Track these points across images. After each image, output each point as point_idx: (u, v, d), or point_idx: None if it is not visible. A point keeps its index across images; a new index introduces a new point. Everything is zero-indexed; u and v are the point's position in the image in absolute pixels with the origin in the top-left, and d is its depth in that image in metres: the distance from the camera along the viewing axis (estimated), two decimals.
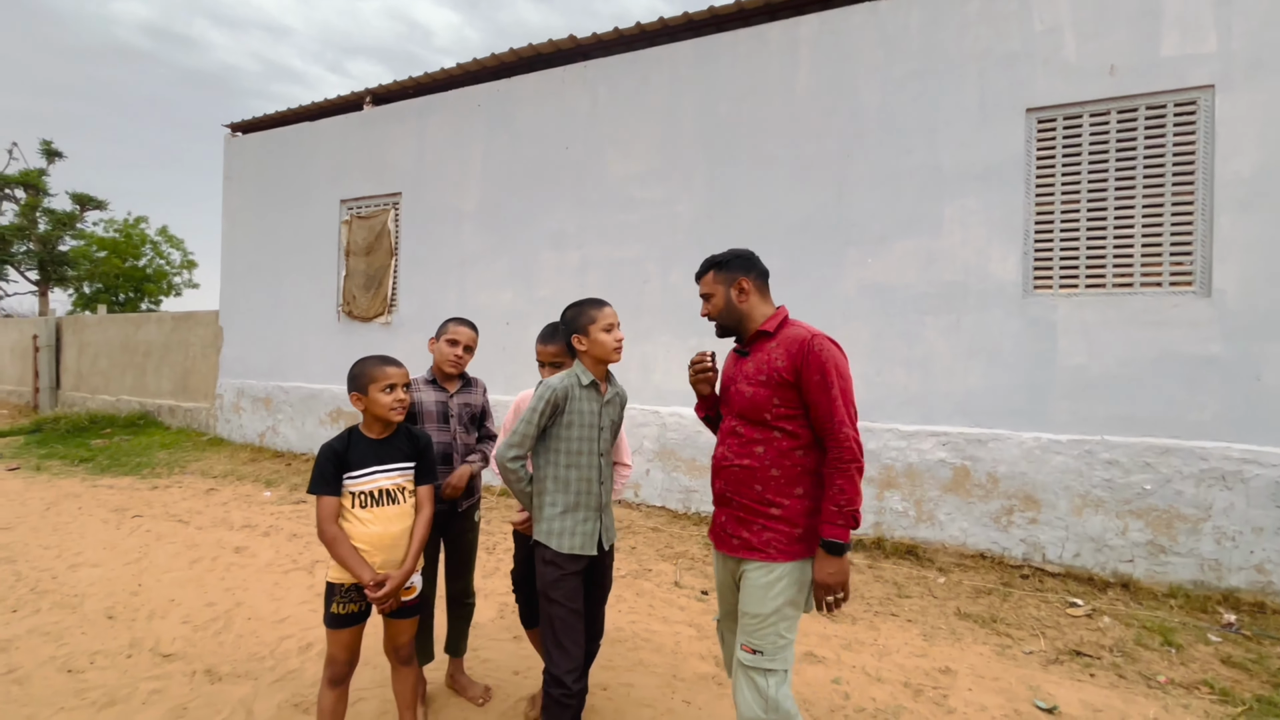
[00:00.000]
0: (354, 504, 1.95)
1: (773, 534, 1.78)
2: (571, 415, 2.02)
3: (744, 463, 1.84)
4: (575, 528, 2.03)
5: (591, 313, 2.05)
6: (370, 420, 2.02)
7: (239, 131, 8.40)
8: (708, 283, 1.98)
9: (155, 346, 9.51)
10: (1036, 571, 4.05)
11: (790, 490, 1.79)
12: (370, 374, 1.99)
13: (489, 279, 6.26)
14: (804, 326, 1.85)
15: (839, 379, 1.75)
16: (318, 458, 1.95)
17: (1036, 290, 4.21)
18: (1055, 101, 4.14)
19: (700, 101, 5.27)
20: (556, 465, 2.03)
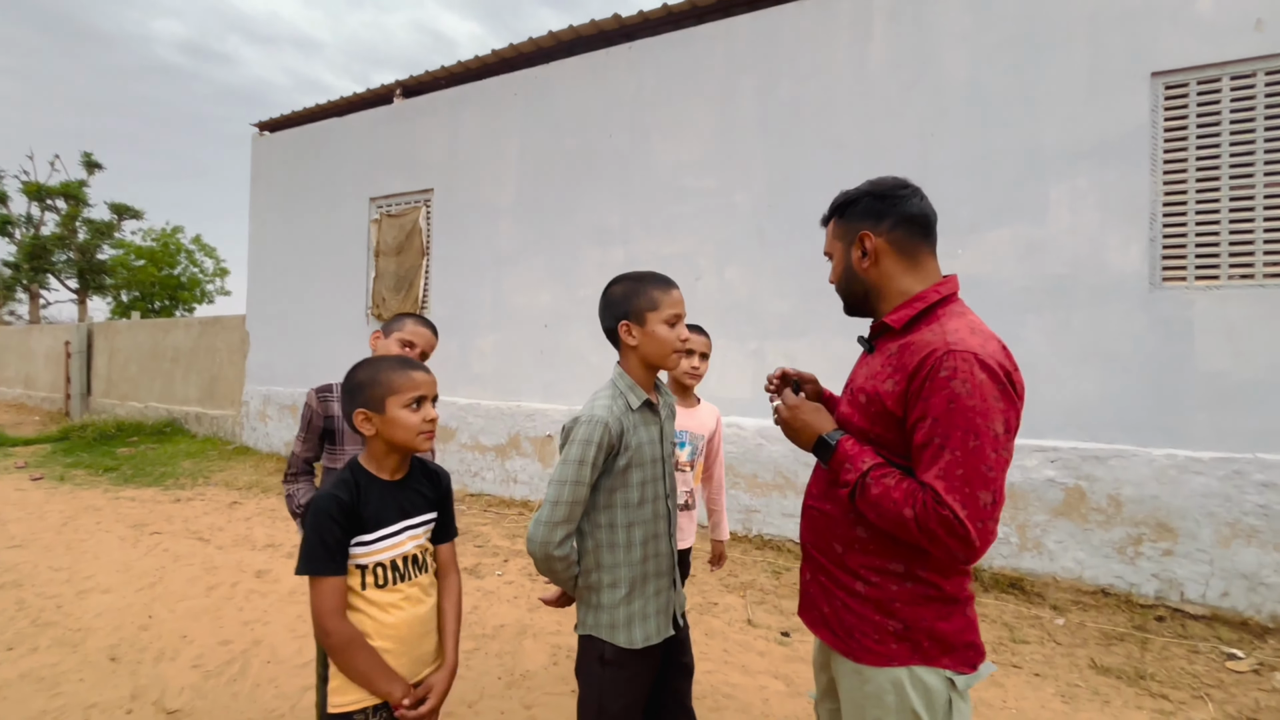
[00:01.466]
0: (366, 582, 1.31)
1: (857, 620, 1.20)
2: (630, 455, 1.41)
3: (825, 507, 1.28)
4: (646, 609, 1.45)
5: (654, 293, 1.43)
6: (382, 452, 1.37)
7: (266, 130, 8.18)
8: (829, 237, 1.35)
9: (183, 352, 9.34)
10: (1174, 613, 3.44)
11: (883, 562, 1.18)
12: (389, 382, 1.34)
13: (526, 279, 5.84)
14: (949, 328, 1.13)
15: (967, 431, 1.04)
16: (311, 516, 1.27)
17: (1166, 283, 3.62)
18: (1187, 64, 3.56)
19: (760, 81, 4.79)
20: (613, 528, 1.42)
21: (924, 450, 1.08)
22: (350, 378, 1.39)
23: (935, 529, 1.04)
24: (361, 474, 1.36)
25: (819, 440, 1.25)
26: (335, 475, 1.36)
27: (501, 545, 4.55)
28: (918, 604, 1.16)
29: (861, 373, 1.30)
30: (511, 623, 3.29)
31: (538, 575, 3.99)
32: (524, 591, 3.71)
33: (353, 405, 1.36)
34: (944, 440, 1.05)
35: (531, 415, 5.69)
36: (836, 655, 1.25)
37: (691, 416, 2.30)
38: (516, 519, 5.21)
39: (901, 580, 1.17)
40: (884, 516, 1.11)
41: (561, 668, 2.84)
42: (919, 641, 1.15)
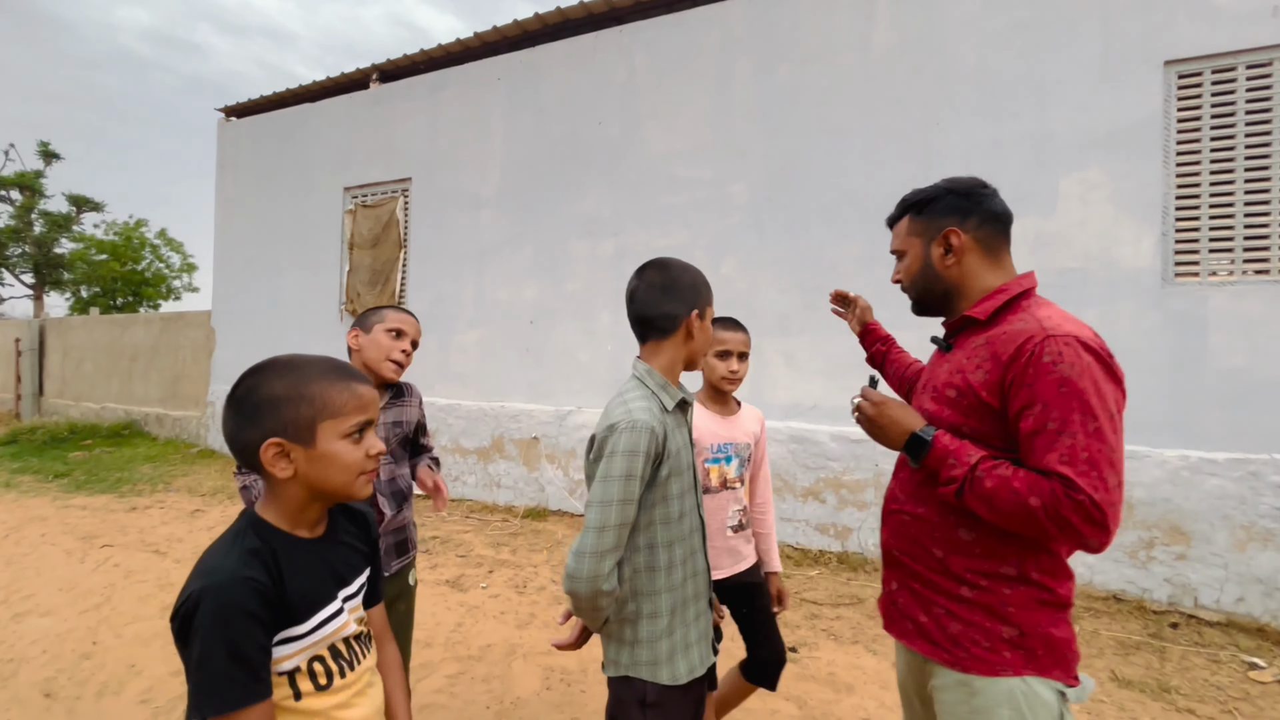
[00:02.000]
0: (301, 690, 0.92)
1: (964, 627, 1.12)
2: (671, 463, 1.25)
3: (918, 511, 1.21)
4: (688, 636, 1.29)
5: (709, 293, 1.41)
6: (302, 502, 0.95)
7: (234, 116, 7.75)
8: (900, 234, 1.33)
9: (143, 350, 8.84)
10: (1189, 619, 3.33)
11: (993, 565, 1.11)
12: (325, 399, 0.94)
13: (510, 272, 5.56)
14: (1041, 315, 1.10)
15: (1084, 414, 1.00)
16: (210, 617, 0.82)
17: (1179, 278, 3.51)
18: (1202, 52, 3.44)
19: (757, 65, 4.59)
20: (653, 549, 1.25)
21: (1037, 437, 1.03)
22: (254, 388, 0.91)
23: (1069, 516, 0.98)
24: (272, 535, 0.92)
25: (912, 437, 1.16)
26: (230, 539, 0.92)
27: (485, 555, 4.28)
28: (1032, 608, 1.10)
29: (942, 370, 1.26)
30: (499, 642, 3.04)
31: (525, 587, 3.74)
32: (511, 606, 3.46)
33: (259, 432, 0.89)
34: (1061, 425, 1.01)
35: (516, 416, 5.42)
36: (938, 668, 1.16)
37: (734, 425, 1.97)
38: (500, 525, 4.94)
39: (1014, 583, 1.10)
40: (1001, 510, 1.04)
41: (555, 693, 2.60)
42: (1034, 649, 1.09)
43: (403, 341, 1.78)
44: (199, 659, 0.81)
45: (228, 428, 0.92)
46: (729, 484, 1.93)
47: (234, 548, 0.89)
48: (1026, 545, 1.10)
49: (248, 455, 0.91)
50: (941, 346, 1.31)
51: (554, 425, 5.24)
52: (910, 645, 1.22)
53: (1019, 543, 1.10)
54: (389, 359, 1.75)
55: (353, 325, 1.82)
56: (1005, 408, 1.08)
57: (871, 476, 4.08)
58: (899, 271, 1.35)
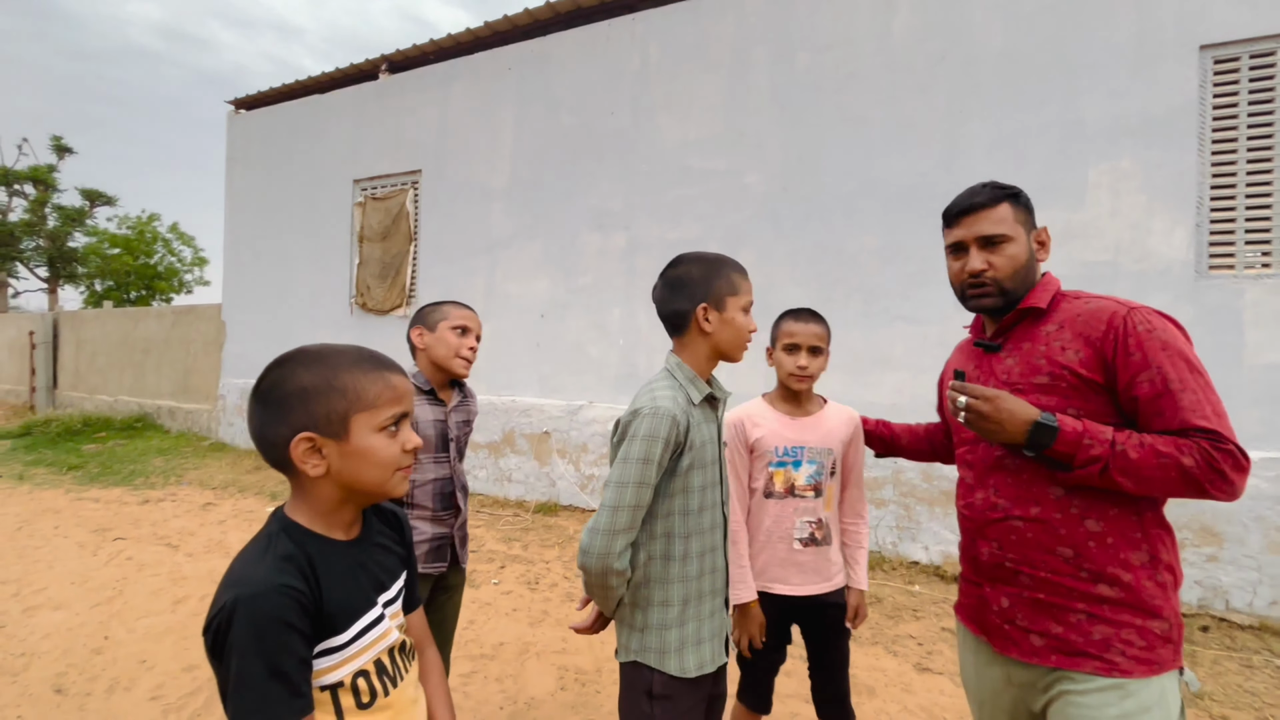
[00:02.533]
0: (343, 707, 0.86)
1: (1113, 628, 1.08)
2: (693, 454, 1.26)
3: (1031, 513, 1.15)
4: (700, 632, 1.28)
5: (734, 277, 1.32)
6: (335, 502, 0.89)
7: (243, 109, 7.72)
8: (1003, 219, 1.22)
9: (155, 343, 8.86)
10: (1220, 622, 3.24)
11: (1127, 552, 1.09)
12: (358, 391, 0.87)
13: (521, 265, 5.50)
14: (1101, 296, 1.18)
15: (1192, 371, 1.06)
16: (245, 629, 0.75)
17: (1213, 271, 3.39)
18: (1239, 36, 3.31)
19: (774, 54, 4.48)
20: (669, 538, 1.26)
21: (1161, 399, 1.05)
22: (281, 381, 0.85)
23: (1222, 467, 1.00)
24: (307, 539, 0.85)
25: (1035, 426, 1.09)
26: (262, 545, 0.85)
27: (497, 550, 4.24)
28: (1169, 594, 1.10)
29: (1007, 365, 1.24)
30: (511, 640, 2.99)
31: (537, 584, 3.70)
32: (524, 603, 3.41)
33: (289, 426, 0.83)
34: (1181, 384, 1.04)
35: (526, 411, 5.37)
36: (1078, 678, 1.09)
37: (809, 427, 1.76)
38: (512, 520, 4.90)
39: (1150, 569, 1.10)
40: (1151, 478, 1.03)
41: (570, 693, 2.55)
42: (1178, 640, 1.09)
43: (469, 338, 1.81)
44: (236, 677, 0.75)
45: (254, 423, 0.86)
46: (798, 491, 1.72)
47: (267, 554, 0.82)
48: (1150, 525, 1.10)
49: (276, 453, 0.85)
50: (990, 348, 1.28)
51: (565, 420, 5.18)
52: (1041, 662, 1.13)
53: (1143, 524, 1.10)
54: (459, 355, 1.78)
55: (414, 323, 1.82)
56: (1111, 382, 1.10)
57: (890, 474, 3.99)
58: (983, 259, 1.22)
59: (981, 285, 1.24)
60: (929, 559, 3.89)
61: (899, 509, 3.98)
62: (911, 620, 3.29)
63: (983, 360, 1.30)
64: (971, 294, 1.26)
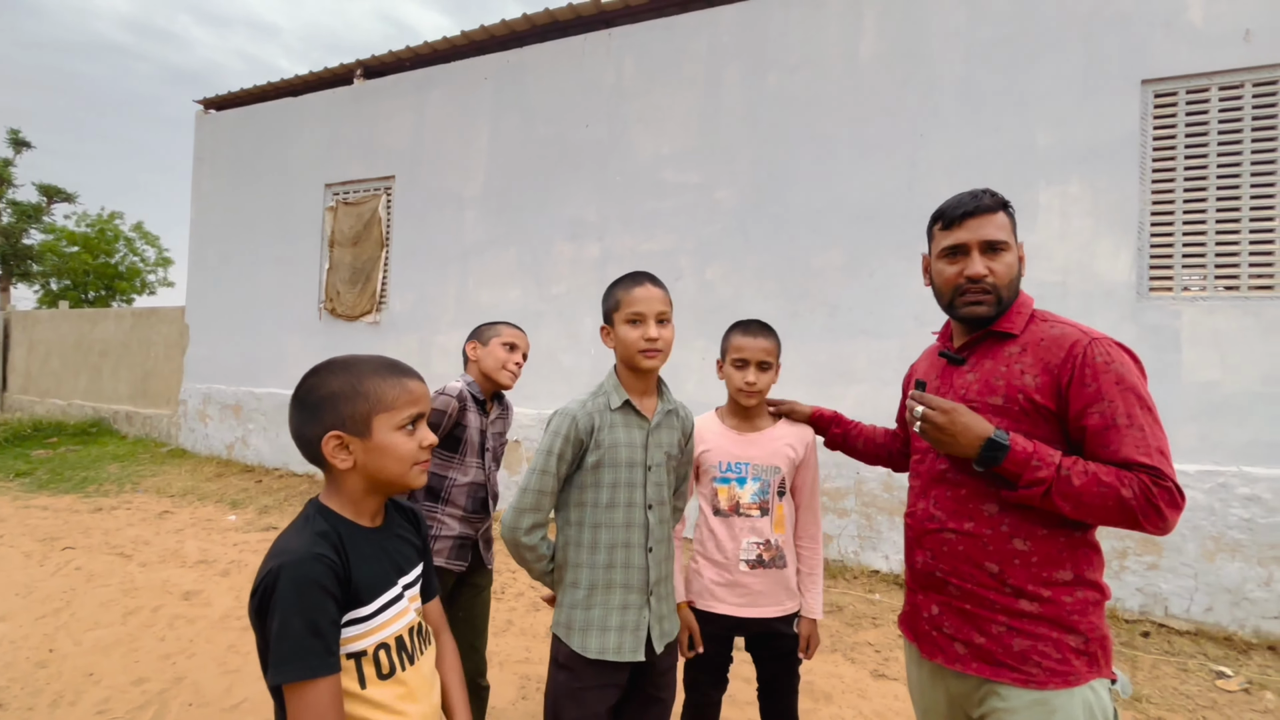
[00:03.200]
0: (365, 676, 0.96)
1: (1030, 641, 1.12)
2: (601, 453, 1.40)
3: (965, 527, 1.20)
4: (608, 619, 1.39)
5: (618, 294, 1.44)
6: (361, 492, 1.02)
7: (212, 109, 7.59)
8: (1004, 227, 1.23)
9: (113, 346, 8.59)
10: (1160, 628, 3.39)
11: (1050, 571, 1.13)
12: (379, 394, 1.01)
13: (495, 273, 5.51)
14: (1068, 322, 1.20)
15: (1141, 407, 1.09)
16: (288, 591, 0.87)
17: (1153, 293, 3.58)
18: (1177, 72, 3.52)
19: (746, 73, 4.60)
20: (580, 527, 1.42)
21: (1108, 432, 1.08)
22: (314, 387, 0.99)
23: (1158, 503, 1.03)
24: (338, 521, 0.99)
25: (988, 442, 1.11)
26: (301, 524, 0.99)
27: None
28: (1089, 611, 1.13)
29: (966, 381, 1.26)
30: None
31: (503, 593, 3.69)
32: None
33: (320, 426, 0.97)
34: (1128, 419, 1.07)
35: None
36: (1003, 689, 1.13)
37: (755, 443, 1.71)
38: None
39: (1072, 588, 1.13)
40: (1090, 505, 1.06)
41: (532, 702, 2.56)
42: (1095, 653, 1.13)
43: (515, 354, 2.02)
44: (279, 630, 0.86)
45: (292, 424, 1.01)
46: (743, 510, 1.67)
47: (305, 530, 0.96)
48: (1078, 546, 1.14)
49: (311, 449, 0.99)
50: (954, 360, 1.30)
51: (536, 428, 5.18)
52: (964, 670, 1.17)
53: (1070, 545, 1.13)
54: (505, 368, 1.98)
55: (470, 337, 2.05)
56: (1063, 409, 1.13)
57: (852, 484, 4.09)
58: (984, 264, 1.21)
59: (981, 290, 1.21)
60: (889, 567, 3.99)
61: (860, 519, 4.07)
62: (870, 628, 3.37)
63: (945, 371, 1.32)
64: (967, 299, 1.22)
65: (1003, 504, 1.16)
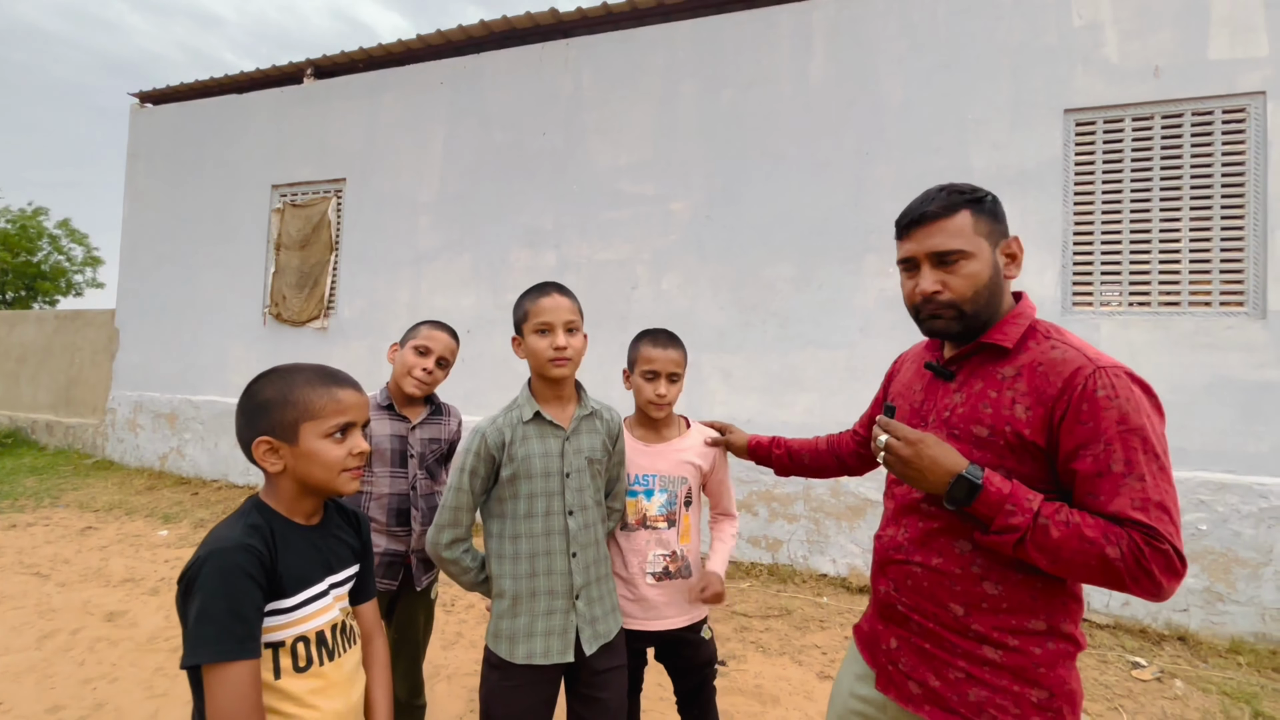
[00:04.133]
0: (280, 667, 1.00)
1: (990, 693, 1.03)
2: (515, 466, 1.43)
3: (932, 561, 1.10)
4: (534, 626, 1.43)
5: (526, 304, 1.49)
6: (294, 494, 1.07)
7: (149, 102, 7.24)
8: (960, 231, 1.08)
9: (32, 350, 8.04)
10: (1083, 623, 3.60)
11: (1022, 620, 1.03)
12: (306, 403, 1.06)
13: (448, 279, 5.43)
14: (1078, 345, 1.04)
15: (1147, 454, 0.94)
16: (212, 575, 0.92)
17: (1076, 308, 3.82)
18: (1095, 103, 3.80)
19: (701, 88, 4.71)
20: (501, 538, 1.46)
21: (1101, 480, 0.95)
22: (252, 394, 1.06)
23: (1150, 567, 0.91)
24: (272, 517, 1.05)
25: (957, 479, 1.00)
26: (236, 517, 1.04)
27: None
28: (1059, 665, 1.03)
29: (953, 402, 1.12)
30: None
31: (453, 605, 3.62)
32: (438, 625, 3.32)
33: (252, 431, 1.04)
34: (1126, 466, 0.94)
35: None
36: None
37: (661, 454, 1.71)
38: None
39: (1044, 639, 1.03)
40: (1069, 561, 0.94)
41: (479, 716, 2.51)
42: (1060, 709, 1.02)
43: (426, 360, 1.85)
44: (199, 611, 0.90)
45: (236, 427, 1.08)
46: (649, 522, 1.65)
47: (239, 522, 1.02)
48: (1055, 595, 1.03)
49: (246, 451, 1.05)
50: (943, 375, 1.16)
51: None
52: (916, 711, 1.09)
53: (1047, 593, 1.02)
54: (410, 374, 1.84)
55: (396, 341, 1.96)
56: (1053, 446, 0.99)
57: (801, 489, 4.20)
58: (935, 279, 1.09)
59: (939, 306, 1.09)
60: (836, 571, 4.10)
61: (809, 523, 4.18)
62: (818, 630, 3.46)
63: (931, 386, 1.18)
64: (924, 315, 1.12)
65: (977, 542, 1.04)
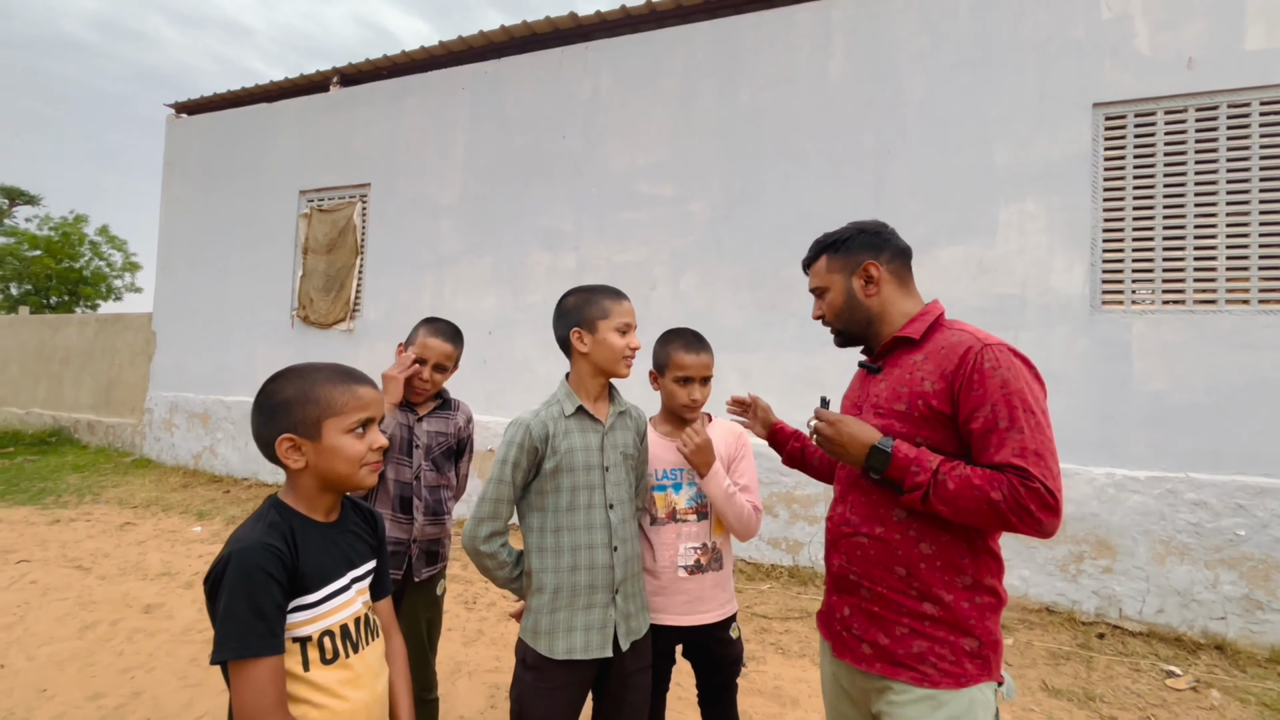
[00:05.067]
0: (309, 659, 1.02)
1: (929, 643, 1.17)
2: (558, 459, 1.46)
3: (876, 531, 1.25)
4: (573, 620, 1.43)
5: (605, 303, 1.50)
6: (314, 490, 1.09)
7: (184, 113, 7.48)
8: (819, 273, 1.41)
9: (75, 353, 8.36)
10: (1115, 630, 3.50)
11: (952, 577, 1.18)
12: (328, 400, 1.08)
13: (470, 282, 5.51)
14: (970, 330, 1.24)
15: (1025, 411, 1.11)
16: (235, 575, 0.95)
17: (1106, 306, 3.73)
18: (1125, 96, 3.70)
19: (719, 89, 4.70)
20: (543, 532, 1.47)
21: (990, 435, 1.12)
22: (272, 393, 1.07)
23: (1027, 504, 1.06)
24: (292, 516, 1.07)
25: (872, 450, 1.19)
26: (256, 517, 1.06)
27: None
28: (986, 616, 1.18)
29: (878, 389, 1.32)
30: (444, 659, 2.95)
31: (475, 603, 3.67)
32: (459, 622, 3.38)
33: (275, 429, 1.05)
34: (1009, 422, 1.11)
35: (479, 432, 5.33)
36: (898, 685, 1.19)
37: None
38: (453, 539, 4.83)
39: (971, 593, 1.18)
40: (965, 508, 1.10)
41: (500, 711, 2.55)
42: (988, 656, 1.17)
43: (423, 369, 1.86)
44: (225, 610, 0.94)
45: (253, 427, 1.09)
46: (679, 516, 1.70)
47: (259, 522, 1.04)
48: (979, 552, 1.19)
49: (268, 450, 1.07)
50: (871, 370, 1.39)
51: None
52: (868, 669, 1.23)
53: (971, 551, 1.18)
54: (409, 380, 1.87)
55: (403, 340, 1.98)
56: (956, 413, 1.17)
57: (822, 491, 4.16)
58: (820, 308, 1.43)
59: (826, 325, 1.43)
60: None
61: None
62: None
63: (865, 380, 1.41)
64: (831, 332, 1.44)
65: (907, 509, 1.20)
